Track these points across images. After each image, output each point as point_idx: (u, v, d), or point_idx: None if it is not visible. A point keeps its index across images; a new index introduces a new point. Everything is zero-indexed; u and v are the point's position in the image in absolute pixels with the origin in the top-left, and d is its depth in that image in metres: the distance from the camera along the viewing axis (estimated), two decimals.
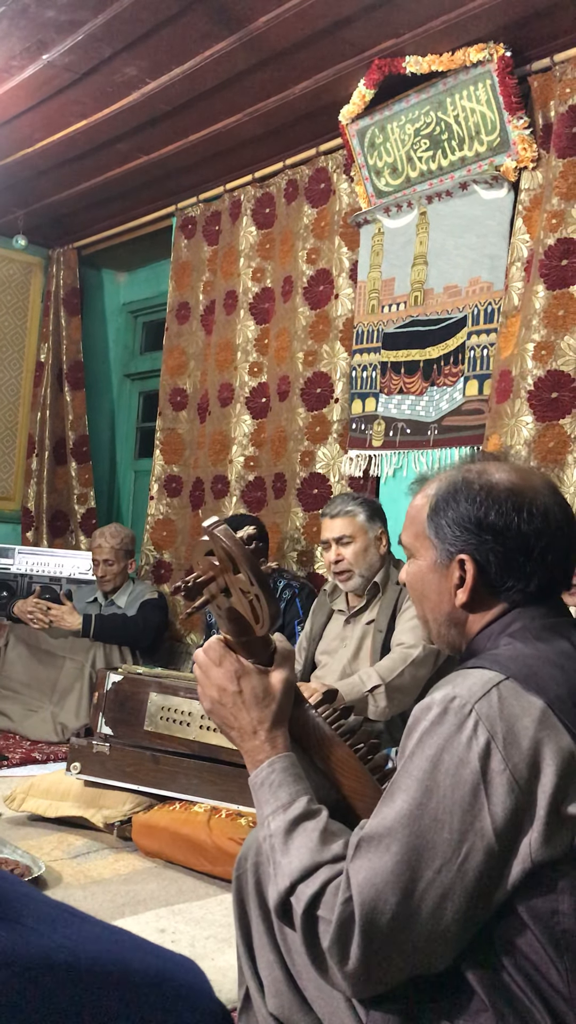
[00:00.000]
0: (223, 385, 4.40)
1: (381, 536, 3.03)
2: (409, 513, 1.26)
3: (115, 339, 5.87)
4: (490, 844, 0.97)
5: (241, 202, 4.37)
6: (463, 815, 0.97)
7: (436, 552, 1.20)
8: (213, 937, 2.10)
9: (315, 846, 1.04)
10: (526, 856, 0.98)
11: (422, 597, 1.25)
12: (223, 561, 1.14)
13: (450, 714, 1.01)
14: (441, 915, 0.97)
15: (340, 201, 3.90)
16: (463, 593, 1.18)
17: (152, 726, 2.72)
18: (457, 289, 3.42)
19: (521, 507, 1.15)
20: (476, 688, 1.02)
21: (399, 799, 1.00)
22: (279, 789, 1.11)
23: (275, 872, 1.05)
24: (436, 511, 1.20)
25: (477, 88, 3.18)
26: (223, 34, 3.22)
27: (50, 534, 5.39)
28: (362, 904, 0.96)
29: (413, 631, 2.84)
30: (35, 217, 5.05)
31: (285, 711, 1.18)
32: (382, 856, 0.98)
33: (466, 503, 1.17)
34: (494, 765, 0.98)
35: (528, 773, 0.98)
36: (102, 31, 3.23)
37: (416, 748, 1.02)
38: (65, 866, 2.51)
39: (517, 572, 1.16)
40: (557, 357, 2.99)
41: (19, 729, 3.92)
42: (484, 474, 1.20)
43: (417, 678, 2.78)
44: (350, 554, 2.97)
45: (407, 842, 0.98)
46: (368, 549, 2.99)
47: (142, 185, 4.58)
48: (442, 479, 1.23)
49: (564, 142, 3.00)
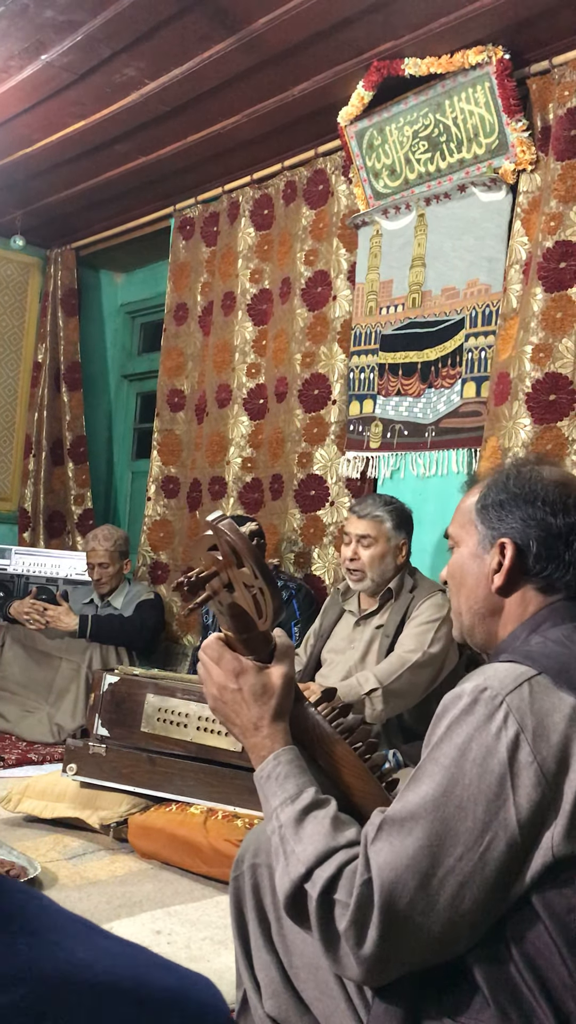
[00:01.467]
0: (221, 386, 4.40)
1: (402, 547, 3.00)
2: (459, 507, 1.31)
3: (113, 340, 5.87)
4: (513, 835, 0.97)
5: (239, 203, 4.37)
6: (488, 805, 0.98)
7: (479, 537, 1.25)
8: (209, 939, 2.10)
9: (328, 832, 1.04)
10: (547, 850, 0.98)
11: (460, 585, 1.28)
12: (227, 555, 1.13)
13: (480, 704, 1.02)
14: (459, 903, 0.97)
15: (338, 203, 3.90)
16: (500, 577, 1.21)
17: (149, 727, 2.72)
18: (455, 291, 3.42)
19: (567, 497, 1.21)
20: (508, 681, 1.03)
21: (424, 785, 1.01)
22: (286, 781, 1.11)
23: (287, 861, 1.05)
24: (485, 498, 1.26)
25: (476, 90, 3.18)
26: (222, 35, 3.22)
27: (47, 535, 5.38)
28: (381, 886, 0.96)
29: (416, 637, 2.83)
30: (33, 217, 5.05)
31: (285, 706, 1.18)
32: (404, 840, 0.98)
33: (515, 490, 1.23)
34: (522, 757, 0.98)
35: (556, 768, 0.99)
36: (101, 32, 3.23)
37: (444, 736, 1.03)
38: (61, 867, 2.51)
39: (555, 560, 1.19)
40: (555, 360, 2.99)
41: (15, 730, 3.91)
42: (534, 468, 1.26)
43: (415, 683, 2.78)
44: (367, 556, 2.96)
45: (430, 828, 0.98)
46: (386, 556, 2.97)
47: (140, 186, 4.58)
48: (495, 471, 1.30)
49: (562, 145, 3.01)
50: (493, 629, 1.24)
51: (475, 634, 1.27)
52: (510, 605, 1.22)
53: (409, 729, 2.87)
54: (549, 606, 1.19)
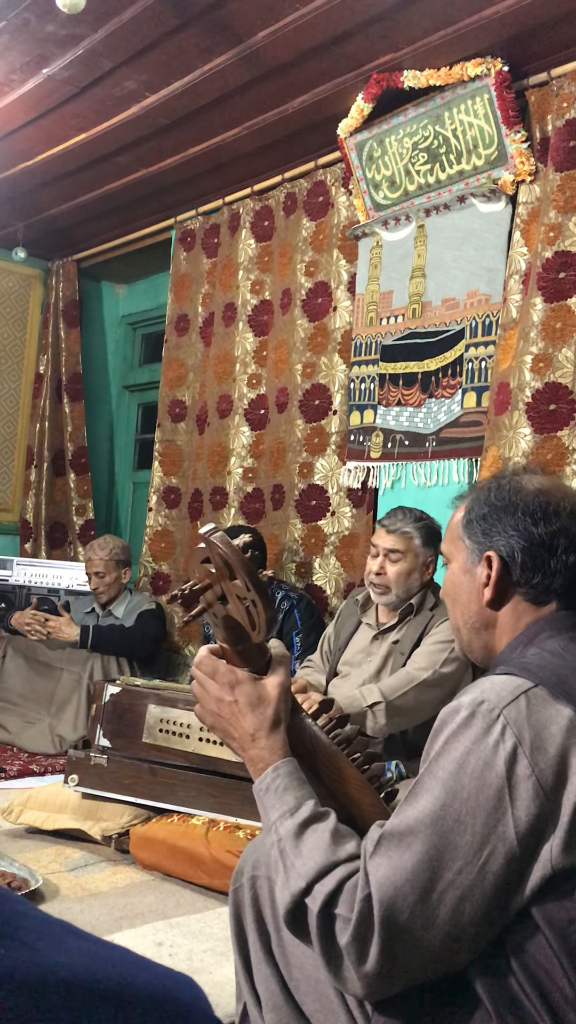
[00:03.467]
0: (222, 397, 4.41)
1: (430, 564, 2.94)
2: (449, 523, 1.32)
3: (114, 351, 5.88)
4: (512, 848, 0.97)
5: (240, 215, 4.39)
6: (486, 818, 0.98)
7: (467, 552, 1.26)
8: (211, 951, 2.09)
9: (328, 846, 1.04)
10: (547, 862, 0.98)
11: (454, 601, 1.29)
12: (220, 568, 1.14)
13: (478, 718, 1.02)
14: (459, 917, 0.97)
15: (338, 214, 3.92)
16: (489, 590, 1.22)
17: (150, 738, 2.71)
18: (455, 302, 3.43)
19: (547, 506, 1.21)
20: (505, 693, 1.03)
21: (423, 799, 1.01)
22: (284, 793, 1.11)
23: (287, 875, 1.05)
24: (470, 513, 1.27)
25: (475, 102, 3.20)
26: (222, 48, 3.24)
27: (48, 545, 5.39)
28: (381, 901, 0.96)
29: (429, 655, 2.77)
30: (35, 230, 5.08)
31: (281, 715, 1.18)
32: (403, 855, 0.98)
33: (496, 502, 1.23)
34: (520, 770, 0.98)
35: (554, 780, 0.98)
36: (102, 45, 3.25)
37: (442, 750, 1.03)
38: (62, 879, 2.50)
39: (542, 569, 1.19)
40: (555, 369, 2.99)
41: (17, 741, 3.90)
42: (515, 479, 1.26)
43: (421, 702, 2.70)
44: (393, 572, 2.89)
45: (429, 842, 0.98)
46: (412, 573, 2.91)
47: (141, 198, 4.60)
48: (477, 487, 1.30)
49: (561, 156, 3.02)
50: (490, 642, 1.25)
51: (473, 648, 1.28)
52: (503, 617, 1.22)
53: (412, 744, 2.81)
54: (544, 617, 1.19)
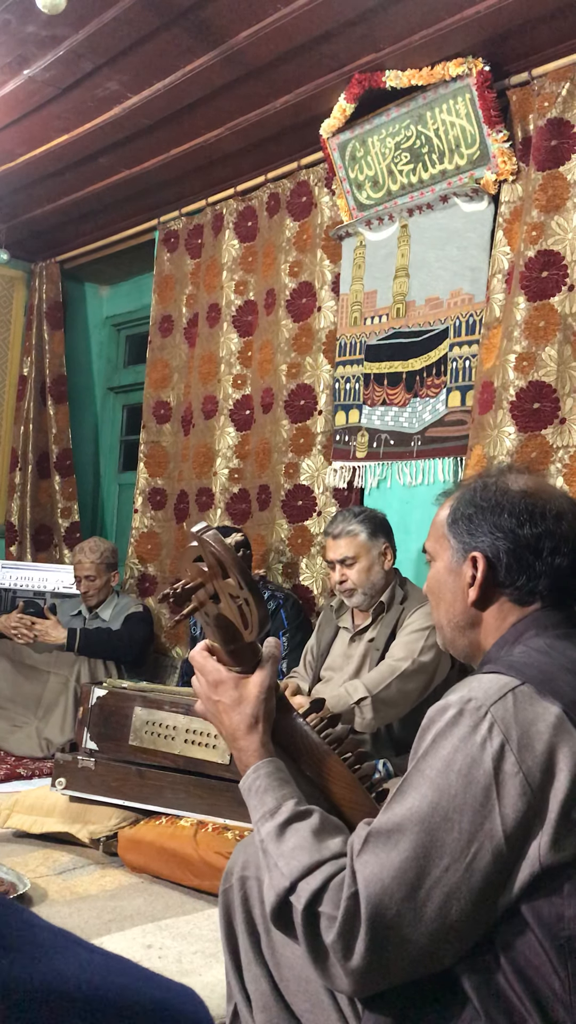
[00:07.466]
0: (207, 397, 4.40)
1: (385, 552, 2.99)
2: (434, 520, 1.32)
3: (98, 352, 5.86)
4: (499, 845, 0.97)
5: (223, 215, 4.38)
6: (473, 815, 0.98)
7: (452, 551, 1.26)
8: (201, 952, 2.09)
9: (311, 845, 1.04)
10: (535, 859, 0.98)
11: (439, 599, 1.29)
12: (212, 566, 1.13)
13: (465, 716, 1.02)
14: (446, 914, 0.97)
15: (322, 214, 3.92)
16: (474, 591, 1.22)
17: (137, 740, 2.71)
18: (439, 301, 3.44)
19: (532, 508, 1.21)
20: (492, 691, 1.03)
21: (410, 797, 1.01)
22: (264, 795, 1.12)
23: (271, 875, 1.05)
24: (455, 512, 1.26)
25: (457, 102, 3.21)
26: (204, 49, 3.24)
27: (34, 548, 5.36)
28: (368, 898, 0.96)
29: (407, 645, 2.82)
30: (17, 231, 5.05)
31: (259, 715, 1.19)
32: (390, 852, 0.98)
33: (482, 503, 1.23)
34: (507, 767, 0.99)
35: (541, 777, 0.99)
36: (83, 46, 3.24)
37: (430, 748, 1.03)
38: (51, 882, 2.49)
39: (527, 571, 1.19)
40: (538, 368, 3.00)
41: (3, 745, 3.88)
42: (500, 479, 1.26)
43: (405, 691, 2.76)
44: (354, 574, 2.95)
45: (416, 839, 0.98)
46: (372, 568, 2.96)
47: (124, 199, 4.59)
48: (463, 486, 1.30)
49: (543, 155, 3.03)
50: (475, 640, 1.25)
51: (457, 646, 1.28)
52: (488, 617, 1.23)
53: (400, 740, 2.85)
54: (529, 616, 1.20)
